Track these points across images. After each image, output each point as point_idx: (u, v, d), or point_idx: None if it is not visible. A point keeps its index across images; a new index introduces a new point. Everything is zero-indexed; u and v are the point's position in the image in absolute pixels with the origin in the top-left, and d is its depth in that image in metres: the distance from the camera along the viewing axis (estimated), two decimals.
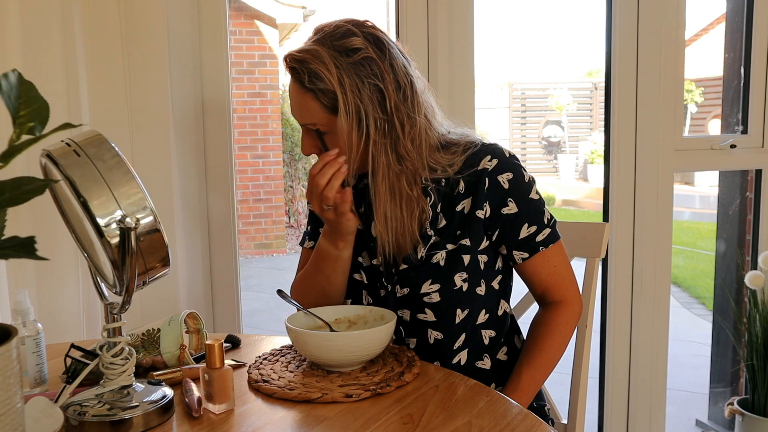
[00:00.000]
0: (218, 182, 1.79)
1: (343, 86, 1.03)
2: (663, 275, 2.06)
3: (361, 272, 1.19)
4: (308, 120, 1.09)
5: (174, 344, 1.08)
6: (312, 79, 1.04)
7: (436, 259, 1.12)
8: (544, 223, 1.13)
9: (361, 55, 1.05)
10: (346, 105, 1.04)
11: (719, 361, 2.48)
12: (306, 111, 1.08)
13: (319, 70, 1.04)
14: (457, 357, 1.15)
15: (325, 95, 1.05)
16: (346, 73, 1.04)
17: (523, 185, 1.12)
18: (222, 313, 1.83)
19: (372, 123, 1.05)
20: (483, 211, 1.11)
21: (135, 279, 0.83)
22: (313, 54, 1.04)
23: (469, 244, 1.11)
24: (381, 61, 1.06)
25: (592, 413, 2.14)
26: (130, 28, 1.59)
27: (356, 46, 1.05)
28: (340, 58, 1.04)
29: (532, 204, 1.12)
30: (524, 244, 1.12)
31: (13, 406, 0.62)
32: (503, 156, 1.12)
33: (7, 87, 0.59)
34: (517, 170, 1.12)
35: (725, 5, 2.28)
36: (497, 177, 1.11)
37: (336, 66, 1.03)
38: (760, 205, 2.21)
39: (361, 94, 1.04)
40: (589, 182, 10.40)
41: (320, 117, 1.07)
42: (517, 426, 0.85)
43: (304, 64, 1.05)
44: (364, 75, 1.05)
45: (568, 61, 12.27)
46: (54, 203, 0.90)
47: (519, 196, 1.11)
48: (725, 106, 2.32)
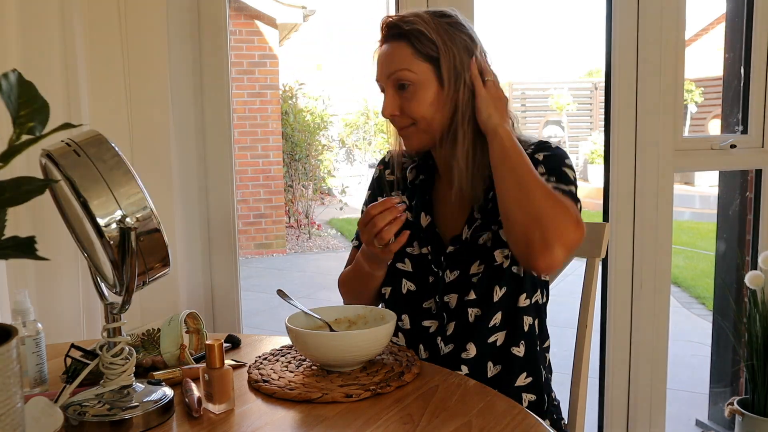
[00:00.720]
0: (218, 182, 1.79)
1: (441, 37, 1.11)
2: (663, 275, 2.06)
3: (406, 261, 1.22)
4: (398, 65, 1.12)
5: (174, 344, 1.08)
6: (410, 25, 1.11)
7: (482, 239, 1.15)
8: (567, 185, 1.12)
9: (453, 18, 1.14)
10: (445, 53, 1.11)
11: (719, 361, 2.47)
12: (398, 57, 1.12)
13: (417, 21, 1.11)
14: (494, 336, 1.16)
15: (420, 41, 1.11)
16: (442, 28, 1.12)
17: (558, 160, 1.15)
18: (222, 313, 1.83)
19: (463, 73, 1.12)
20: None
21: (135, 279, 0.83)
22: (412, 14, 1.13)
23: None
24: (469, 32, 1.15)
25: (592, 413, 2.14)
26: (130, 28, 1.59)
27: (449, 13, 1.15)
28: (436, 18, 1.13)
29: (562, 174, 1.13)
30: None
31: (13, 406, 0.62)
32: (548, 144, 1.17)
33: (7, 87, 0.59)
34: (555, 151, 1.16)
35: (725, 5, 2.28)
36: (535, 155, 1.14)
37: (433, 21, 1.12)
38: (760, 205, 2.20)
39: (456, 46, 1.12)
40: (589, 182, 10.39)
41: (412, 61, 1.11)
42: (517, 426, 0.85)
43: (403, 18, 1.12)
44: (456, 33, 1.13)
45: (568, 61, 12.26)
46: (54, 203, 0.90)
47: (551, 166, 1.13)
48: (725, 106, 2.32)
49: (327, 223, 8.40)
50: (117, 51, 1.58)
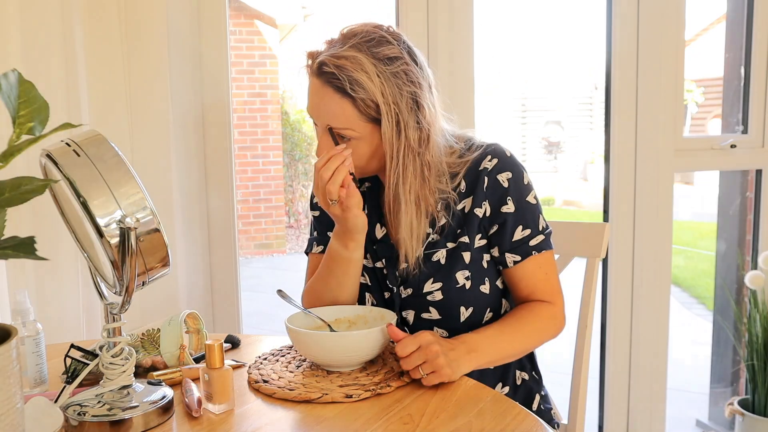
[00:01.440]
0: (218, 182, 1.79)
1: (385, 96, 1.02)
2: (663, 275, 2.06)
3: (365, 275, 1.19)
4: (341, 125, 1.05)
5: (174, 344, 1.07)
6: (354, 87, 1.02)
7: (436, 257, 1.12)
8: (538, 229, 1.13)
9: (399, 64, 1.04)
10: (389, 114, 1.03)
11: (719, 361, 2.47)
12: (339, 114, 1.04)
13: (361, 78, 1.01)
14: None
15: (365, 103, 1.03)
16: (387, 83, 1.02)
17: (522, 186, 1.12)
18: (222, 313, 1.83)
19: (410, 132, 1.05)
20: (482, 209, 1.11)
21: (135, 279, 0.83)
22: (354, 60, 1.02)
23: (467, 242, 1.12)
24: (415, 71, 1.06)
25: (592, 413, 2.14)
26: (130, 28, 1.59)
27: (394, 55, 1.04)
28: (381, 66, 1.02)
29: (529, 207, 1.12)
30: (517, 246, 1.12)
31: (13, 406, 0.62)
32: (503, 155, 1.12)
33: (7, 87, 0.59)
34: (516, 170, 1.12)
35: (725, 5, 2.28)
36: (497, 176, 1.11)
37: (378, 74, 1.02)
38: (760, 205, 2.21)
39: (400, 105, 1.04)
40: (589, 182, 10.40)
41: (355, 123, 1.04)
42: (517, 426, 0.85)
43: (344, 70, 1.02)
44: (402, 84, 1.04)
45: (568, 60, 12.26)
46: (54, 203, 0.90)
47: (517, 196, 1.11)
48: (725, 106, 2.32)
49: None
50: (117, 51, 1.58)
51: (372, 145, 1.07)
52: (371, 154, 1.08)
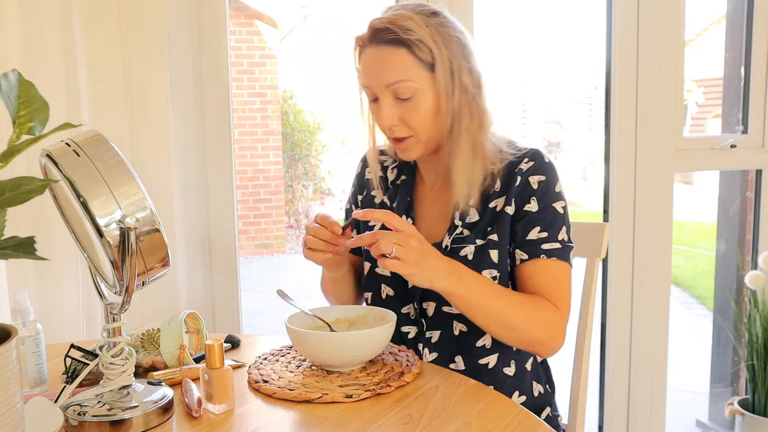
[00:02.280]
0: (218, 182, 1.79)
1: (436, 41, 1.06)
2: (663, 275, 2.06)
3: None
4: (399, 77, 1.06)
5: (174, 344, 1.07)
6: (407, 32, 1.05)
7: (464, 252, 1.12)
8: (556, 237, 1.10)
9: (442, 17, 1.09)
10: (441, 57, 1.06)
11: (719, 361, 2.48)
12: (398, 66, 1.06)
13: (412, 26, 1.05)
14: (486, 359, 1.14)
15: (420, 48, 1.05)
16: (436, 30, 1.06)
17: (551, 192, 1.12)
18: (222, 313, 1.83)
19: (463, 76, 1.08)
20: (512, 207, 1.12)
21: (135, 279, 0.83)
22: (402, 15, 1.06)
23: (497, 239, 1.11)
24: (459, 25, 1.11)
25: (592, 413, 2.14)
26: (130, 28, 1.59)
27: (437, 11, 1.09)
28: (427, 18, 1.07)
29: (553, 212, 1.11)
30: (528, 245, 1.10)
31: (13, 406, 0.62)
32: (542, 159, 1.13)
33: (7, 87, 0.59)
34: (549, 175, 1.12)
35: (725, 5, 2.28)
36: (529, 177, 1.11)
37: (426, 24, 1.06)
38: (760, 205, 2.21)
39: (451, 48, 1.07)
40: (589, 182, 10.40)
41: (414, 72, 1.06)
42: (517, 426, 0.85)
43: (395, 23, 1.06)
44: (450, 32, 1.08)
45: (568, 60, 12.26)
46: (54, 203, 0.90)
47: (542, 198, 1.11)
48: (725, 106, 2.32)
49: None
50: (117, 51, 1.58)
51: (433, 99, 1.08)
52: (435, 110, 1.09)
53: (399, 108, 1.09)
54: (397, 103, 1.09)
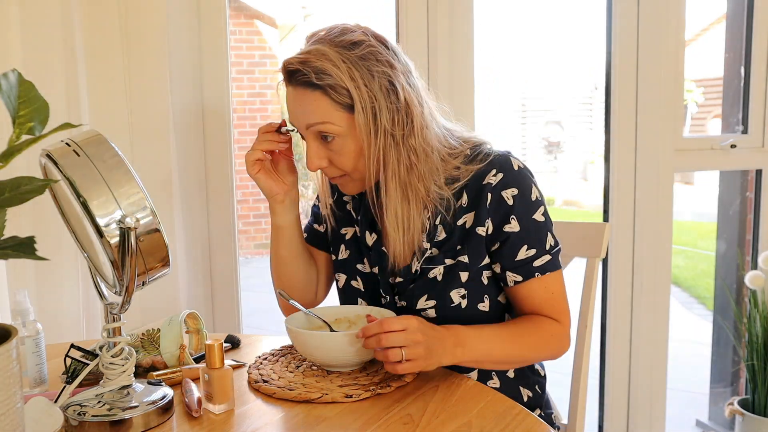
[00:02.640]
0: (218, 182, 1.79)
1: (355, 80, 0.98)
2: (663, 275, 2.06)
3: (359, 279, 1.18)
4: (319, 119, 1.00)
5: (174, 344, 1.07)
6: (320, 75, 0.98)
7: (433, 273, 1.08)
8: (545, 248, 1.07)
9: (365, 47, 1.00)
10: (361, 98, 0.98)
11: (719, 361, 2.48)
12: (315, 109, 1.00)
13: (326, 66, 0.98)
14: (468, 374, 1.11)
15: (336, 91, 0.99)
16: (354, 66, 0.98)
17: (528, 203, 1.06)
18: (222, 313, 1.83)
19: (386, 115, 1.00)
20: (485, 228, 1.06)
21: (135, 279, 0.83)
22: (316, 52, 0.99)
23: (467, 261, 1.07)
24: (385, 52, 1.01)
25: (592, 413, 2.14)
26: (130, 28, 1.59)
27: (358, 39, 1.00)
28: (345, 52, 0.99)
29: (536, 225, 1.06)
30: (520, 266, 1.06)
31: (13, 406, 0.62)
32: (510, 169, 1.06)
33: (7, 87, 0.59)
34: (523, 185, 1.06)
35: (725, 5, 2.28)
36: (501, 192, 1.05)
37: (343, 60, 0.98)
38: (760, 205, 2.21)
39: (372, 86, 0.99)
40: (589, 182, 10.40)
41: (333, 115, 1.00)
42: (517, 426, 0.85)
43: (307, 64, 0.99)
44: (372, 66, 0.99)
45: (568, 60, 12.26)
46: (54, 203, 0.90)
47: (522, 214, 1.05)
48: (725, 106, 2.32)
49: None
50: (117, 51, 1.58)
51: (357, 139, 1.02)
52: (359, 150, 1.03)
53: (326, 149, 1.04)
54: (323, 144, 1.04)
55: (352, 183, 1.09)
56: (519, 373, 1.16)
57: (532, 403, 1.17)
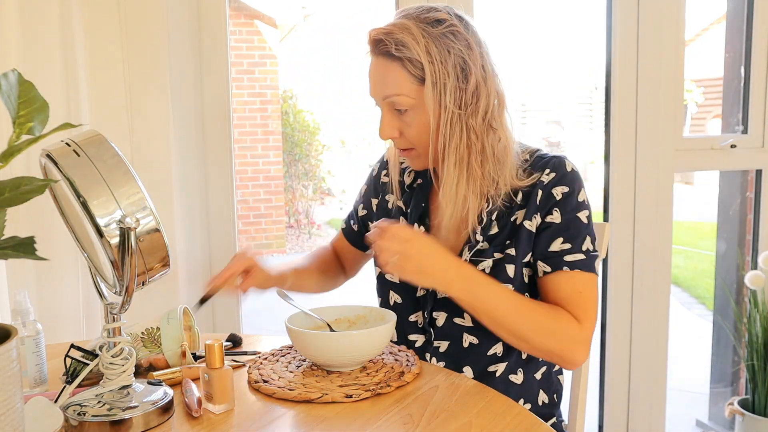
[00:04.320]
0: (218, 182, 1.79)
1: (431, 54, 1.02)
2: (663, 275, 2.06)
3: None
4: (393, 90, 1.05)
5: (175, 342, 1.08)
6: (399, 47, 1.03)
7: (482, 266, 1.09)
8: (580, 247, 1.07)
9: (447, 26, 1.04)
10: (433, 74, 1.02)
11: (719, 361, 2.48)
12: (392, 81, 1.05)
13: (406, 39, 1.02)
14: (494, 366, 1.13)
15: (413, 64, 1.03)
16: (434, 43, 1.02)
17: (575, 202, 1.08)
18: (222, 313, 1.83)
19: (453, 92, 1.04)
20: (532, 222, 1.08)
21: (135, 279, 0.83)
22: (400, 26, 1.04)
23: (514, 254, 1.08)
24: (466, 34, 1.05)
25: (592, 413, 2.14)
26: (130, 29, 1.59)
27: (442, 18, 1.04)
28: (428, 28, 1.03)
29: (576, 223, 1.07)
30: (551, 257, 1.07)
31: (13, 406, 0.62)
32: (563, 170, 1.09)
33: (7, 87, 0.59)
34: (573, 185, 1.08)
35: (725, 5, 2.28)
36: (552, 189, 1.08)
37: (423, 36, 1.02)
38: (760, 205, 2.21)
39: (446, 63, 1.03)
40: (589, 182, 10.41)
41: (407, 87, 1.04)
42: (517, 426, 0.85)
43: (391, 35, 1.03)
44: (450, 44, 1.03)
45: (568, 61, 12.27)
46: (54, 203, 0.90)
47: (566, 209, 1.07)
48: (725, 106, 2.32)
49: (327, 223, 8.41)
50: (117, 51, 1.58)
51: (427, 113, 1.06)
52: (428, 124, 1.07)
53: (398, 120, 1.08)
54: (396, 115, 1.08)
55: (418, 158, 1.12)
56: (546, 376, 1.17)
57: (547, 411, 1.17)
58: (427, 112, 1.05)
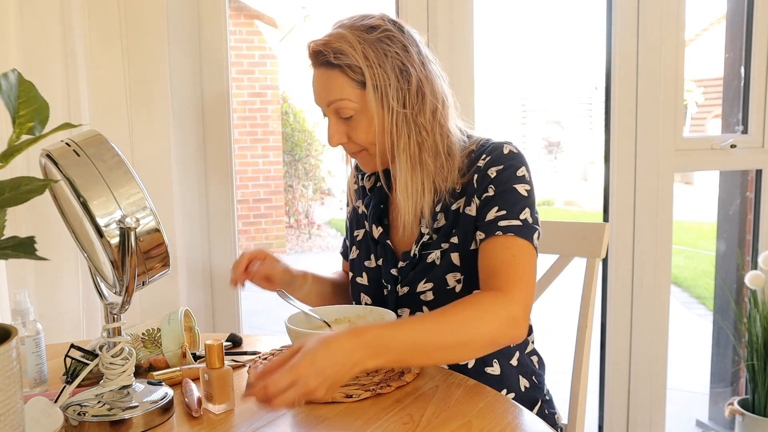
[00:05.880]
0: (218, 182, 1.79)
1: (368, 59, 1.06)
2: (663, 275, 2.06)
3: (364, 274, 1.21)
4: (336, 96, 1.08)
5: (176, 343, 1.08)
6: (338, 55, 1.06)
7: (431, 258, 1.12)
8: (517, 215, 1.04)
9: (382, 31, 1.08)
10: (372, 77, 1.06)
11: (719, 361, 2.48)
12: (333, 87, 1.08)
13: (343, 47, 1.06)
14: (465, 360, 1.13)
15: (352, 69, 1.06)
16: (370, 47, 1.06)
17: (511, 176, 1.07)
18: (222, 313, 1.83)
19: (396, 93, 1.07)
20: (472, 206, 1.09)
21: (135, 279, 0.83)
22: (337, 35, 1.08)
23: (457, 242, 1.10)
24: (401, 37, 1.09)
25: (592, 413, 2.14)
26: (130, 28, 1.59)
27: (376, 24, 1.08)
28: (363, 35, 1.07)
29: (513, 193, 1.06)
30: (486, 225, 1.05)
31: (13, 406, 0.62)
32: (500, 152, 1.09)
33: (7, 87, 0.59)
34: (509, 163, 1.08)
35: (725, 5, 2.28)
36: (487, 171, 1.09)
37: (359, 42, 1.06)
38: (760, 205, 2.21)
39: (385, 66, 1.06)
40: (589, 182, 10.40)
41: (348, 92, 1.07)
42: (517, 426, 0.85)
43: (328, 45, 1.07)
44: (387, 48, 1.07)
45: (568, 60, 12.27)
46: (54, 203, 0.90)
47: (501, 183, 1.07)
48: (725, 106, 2.32)
49: (327, 223, 8.41)
50: (117, 51, 1.58)
51: (371, 115, 1.08)
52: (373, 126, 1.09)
53: (345, 126, 1.11)
54: (342, 121, 1.11)
55: (369, 158, 1.14)
56: (522, 360, 1.18)
57: (530, 395, 1.18)
58: (372, 115, 1.08)
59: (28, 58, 1.45)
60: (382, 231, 1.20)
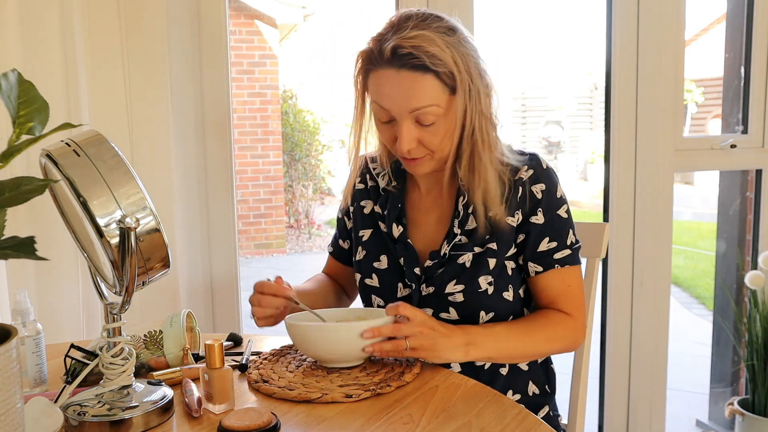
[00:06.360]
0: (218, 182, 1.79)
1: (457, 64, 1.04)
2: (663, 275, 2.06)
3: (373, 276, 1.20)
4: (425, 102, 1.04)
5: (177, 345, 1.08)
6: (434, 61, 1.02)
7: (462, 260, 1.13)
8: (566, 243, 1.13)
9: (458, 34, 1.06)
10: (463, 84, 1.05)
11: (719, 361, 2.48)
12: (423, 93, 1.04)
13: (437, 51, 1.02)
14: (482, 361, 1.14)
15: (446, 75, 1.04)
16: (456, 51, 1.04)
17: (554, 199, 1.13)
18: (222, 313, 1.83)
19: (481, 97, 1.07)
20: (515, 218, 1.12)
21: (135, 279, 0.83)
22: (425, 38, 1.03)
23: (495, 248, 1.12)
24: (470, 38, 1.09)
25: (592, 413, 2.14)
26: (130, 28, 1.59)
27: (453, 25, 1.07)
28: (446, 37, 1.04)
29: (559, 220, 1.13)
30: (541, 257, 1.12)
31: (13, 406, 0.62)
32: (539, 167, 1.14)
33: (7, 87, 0.59)
34: (550, 182, 1.13)
35: (725, 5, 2.28)
36: (531, 187, 1.12)
37: (447, 46, 1.04)
38: (760, 205, 2.21)
39: (470, 71, 1.06)
40: (589, 182, 10.40)
41: (439, 97, 1.05)
42: (517, 426, 0.85)
43: (420, 48, 1.02)
44: (467, 51, 1.06)
45: (568, 60, 12.28)
46: (54, 203, 0.90)
47: (548, 208, 1.12)
48: (725, 106, 2.32)
49: (327, 223, 8.41)
50: (117, 51, 1.58)
51: (452, 120, 1.07)
52: (452, 131, 1.08)
53: (418, 131, 1.07)
54: (418, 126, 1.07)
55: (429, 162, 1.12)
56: (533, 368, 1.19)
57: (538, 401, 1.18)
58: (454, 120, 1.07)
59: (28, 58, 1.45)
60: (402, 230, 1.18)
